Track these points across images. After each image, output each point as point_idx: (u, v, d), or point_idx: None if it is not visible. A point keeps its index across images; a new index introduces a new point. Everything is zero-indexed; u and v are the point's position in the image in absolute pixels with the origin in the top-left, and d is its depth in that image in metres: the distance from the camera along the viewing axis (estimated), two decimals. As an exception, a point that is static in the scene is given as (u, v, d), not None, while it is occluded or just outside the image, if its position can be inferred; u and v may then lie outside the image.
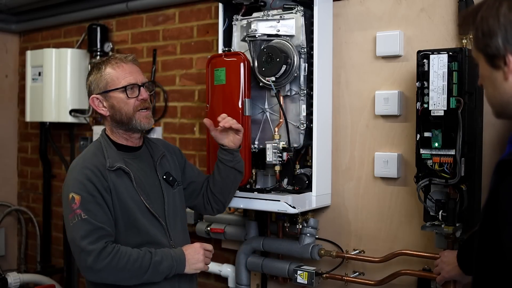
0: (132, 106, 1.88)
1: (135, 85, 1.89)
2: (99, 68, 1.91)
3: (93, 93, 1.92)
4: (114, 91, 1.88)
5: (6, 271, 3.33)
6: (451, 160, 1.90)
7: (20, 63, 4.03)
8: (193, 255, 1.87)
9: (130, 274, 1.75)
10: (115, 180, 1.82)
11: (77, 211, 1.74)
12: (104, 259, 1.71)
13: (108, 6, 3.33)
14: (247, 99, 2.22)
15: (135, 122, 1.88)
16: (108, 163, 1.83)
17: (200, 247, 1.90)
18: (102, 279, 1.76)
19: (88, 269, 1.73)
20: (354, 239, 2.36)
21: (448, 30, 2.12)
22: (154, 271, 1.78)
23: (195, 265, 1.87)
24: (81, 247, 1.72)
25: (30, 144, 4.01)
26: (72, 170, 1.85)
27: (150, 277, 1.78)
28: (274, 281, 2.59)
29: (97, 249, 1.71)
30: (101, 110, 1.91)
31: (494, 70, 1.17)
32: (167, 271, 1.81)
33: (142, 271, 1.76)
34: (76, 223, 1.74)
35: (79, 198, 1.75)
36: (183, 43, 3.04)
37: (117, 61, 1.90)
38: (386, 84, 2.26)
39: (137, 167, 1.91)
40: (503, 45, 1.12)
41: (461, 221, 1.96)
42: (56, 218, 3.80)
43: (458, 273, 1.84)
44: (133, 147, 1.96)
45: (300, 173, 2.27)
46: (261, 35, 2.23)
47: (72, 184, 1.79)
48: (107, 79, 1.88)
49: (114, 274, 1.74)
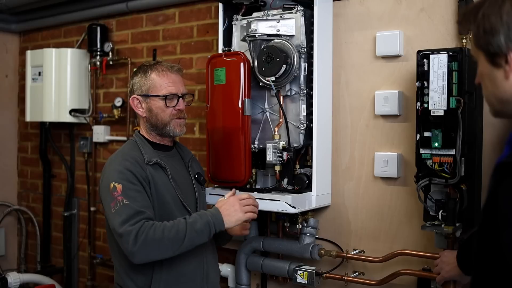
0: (168, 114, 1.97)
1: (175, 95, 1.97)
2: (145, 72, 1.99)
3: (134, 93, 2.00)
4: (155, 97, 1.96)
5: (6, 271, 3.33)
6: (451, 160, 1.90)
7: (20, 63, 4.03)
8: (228, 208, 1.86)
9: (170, 242, 1.75)
10: (153, 173, 1.90)
11: (119, 198, 1.79)
12: (141, 235, 1.73)
13: (108, 6, 3.33)
14: (247, 99, 2.22)
15: (169, 128, 1.98)
16: (146, 158, 1.91)
17: (235, 199, 1.89)
18: (148, 256, 1.76)
19: (131, 252, 1.74)
20: (354, 239, 2.36)
21: (448, 30, 2.12)
22: (192, 232, 1.77)
23: (234, 216, 1.86)
24: (121, 232, 1.74)
25: (30, 144, 4.01)
26: (112, 162, 1.91)
27: (191, 240, 1.78)
28: (274, 281, 2.59)
29: (136, 228, 1.73)
30: (139, 110, 2.00)
31: (495, 68, 1.16)
32: (205, 228, 1.80)
33: (181, 236, 1.76)
34: (118, 209, 1.78)
35: (120, 186, 1.81)
36: (183, 43, 3.04)
37: (164, 69, 1.99)
38: (386, 84, 2.26)
39: (171, 165, 1.99)
40: (505, 43, 1.12)
41: (461, 221, 1.96)
42: (56, 218, 3.81)
43: (458, 273, 1.84)
44: (167, 146, 2.05)
45: (300, 173, 2.27)
46: (261, 35, 2.23)
47: (112, 175, 1.85)
48: (150, 84, 1.97)
49: (155, 247, 1.74)
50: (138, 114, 2.02)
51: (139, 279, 1.89)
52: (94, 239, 3.55)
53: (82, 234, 3.64)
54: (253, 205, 1.93)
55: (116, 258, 1.97)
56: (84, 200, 3.62)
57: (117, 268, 1.97)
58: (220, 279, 2.69)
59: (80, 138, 3.59)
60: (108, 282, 3.48)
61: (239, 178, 2.24)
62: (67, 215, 3.67)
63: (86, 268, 3.58)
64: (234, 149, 2.23)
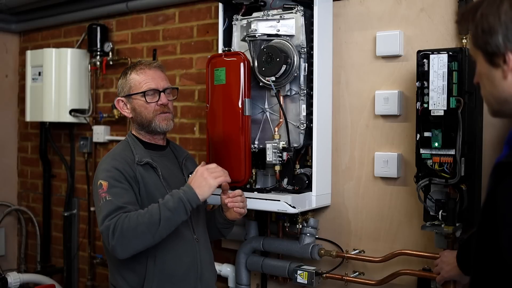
0: (151, 110, 1.98)
1: (156, 90, 1.98)
2: (126, 73, 2.03)
3: (119, 95, 2.04)
4: (136, 95, 1.98)
5: (6, 271, 3.33)
6: (451, 160, 1.90)
7: (20, 63, 4.03)
8: (197, 179, 1.83)
9: (145, 227, 1.73)
10: (143, 174, 1.91)
11: (103, 195, 1.80)
12: (117, 228, 1.72)
13: (108, 6, 3.33)
14: (247, 99, 2.22)
15: (155, 124, 1.99)
16: (136, 158, 1.92)
17: (202, 169, 1.86)
18: (128, 247, 1.74)
19: (112, 246, 1.73)
20: (354, 239, 2.36)
21: (448, 30, 2.12)
22: (165, 212, 1.74)
23: (205, 186, 1.82)
24: (102, 229, 1.75)
25: (30, 144, 4.01)
26: (102, 162, 1.94)
27: (167, 220, 1.75)
28: (274, 281, 2.59)
29: (112, 223, 1.73)
30: (125, 112, 2.03)
31: (493, 68, 1.16)
32: (179, 205, 1.76)
33: (155, 218, 1.74)
34: (101, 206, 1.79)
35: (106, 183, 1.83)
36: (183, 43, 3.04)
37: (142, 67, 2.01)
38: (386, 84, 2.26)
39: (163, 164, 2.00)
40: (504, 43, 1.12)
41: (461, 221, 1.96)
42: (56, 218, 3.81)
43: (458, 273, 1.84)
44: (159, 145, 2.06)
45: (300, 173, 2.27)
46: (261, 35, 2.23)
47: (101, 174, 1.87)
48: (131, 84, 2.00)
49: (132, 235, 1.72)
50: (126, 116, 2.04)
51: (132, 279, 1.89)
52: (94, 239, 3.55)
53: (82, 234, 3.64)
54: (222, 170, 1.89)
55: (109, 257, 1.98)
56: (84, 200, 3.62)
57: (110, 267, 1.98)
58: (220, 279, 2.71)
59: (80, 138, 3.59)
60: (108, 282, 3.48)
61: (239, 178, 2.23)
62: (67, 215, 3.67)
63: (86, 268, 3.58)
64: (234, 149, 2.23)
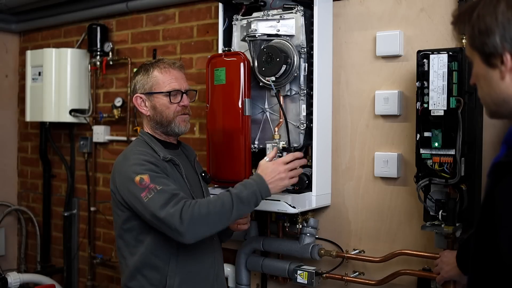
0: (173, 111, 1.96)
1: (179, 91, 1.96)
2: (147, 70, 1.98)
3: (137, 92, 1.98)
4: (158, 94, 1.95)
5: (6, 271, 3.33)
6: (451, 160, 1.90)
7: (20, 63, 4.03)
8: (273, 175, 1.81)
9: (217, 216, 1.73)
10: (169, 170, 1.89)
11: (151, 186, 1.75)
12: (186, 213, 1.70)
13: (108, 6, 3.33)
14: (247, 99, 2.22)
15: (174, 125, 1.97)
16: (161, 154, 1.89)
17: (279, 163, 1.83)
18: (198, 233, 1.73)
19: (178, 232, 1.70)
20: (354, 239, 2.36)
21: (448, 30, 2.12)
22: (238, 202, 1.74)
23: (279, 184, 1.81)
24: (163, 215, 1.71)
25: (30, 144, 4.01)
26: (127, 159, 1.87)
27: (239, 210, 1.74)
28: (274, 281, 2.59)
29: (178, 209, 1.71)
30: (142, 109, 1.98)
31: (490, 69, 1.15)
32: (252, 198, 1.76)
33: (227, 207, 1.73)
34: (153, 197, 1.74)
35: (147, 176, 1.77)
36: (183, 43, 3.04)
37: (165, 66, 1.98)
38: (386, 84, 2.26)
39: (181, 162, 1.98)
40: (501, 43, 1.11)
41: (461, 221, 1.96)
42: (56, 218, 3.81)
43: (457, 273, 1.84)
44: (173, 144, 2.05)
45: (300, 173, 2.26)
46: (261, 35, 2.23)
47: (134, 169, 1.80)
48: (153, 82, 1.96)
49: (203, 222, 1.72)
50: (142, 113, 1.99)
51: (154, 277, 1.86)
52: (94, 239, 3.55)
53: (82, 234, 3.64)
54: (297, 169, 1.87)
55: (126, 256, 1.91)
56: (84, 200, 3.62)
57: (129, 270, 1.89)
58: (221, 279, 2.71)
59: (80, 138, 3.59)
60: (108, 282, 3.48)
61: (239, 178, 2.22)
62: (67, 215, 3.67)
63: (86, 268, 3.58)
64: (234, 149, 2.23)
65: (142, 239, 1.87)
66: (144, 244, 1.86)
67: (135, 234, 1.88)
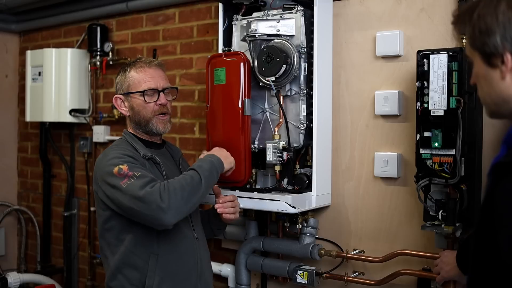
0: (150, 110, 1.95)
1: (155, 90, 1.95)
2: (125, 70, 1.99)
3: (117, 93, 2.00)
4: (134, 93, 1.95)
5: (6, 271, 3.33)
6: (451, 160, 1.90)
7: (20, 63, 4.03)
8: (219, 151, 1.99)
9: (191, 188, 1.77)
10: (148, 167, 1.89)
11: (129, 174, 1.76)
12: (164, 192, 1.71)
13: (108, 6, 3.33)
14: (247, 99, 2.22)
15: (152, 125, 1.96)
16: (141, 152, 1.91)
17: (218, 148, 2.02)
18: (178, 209, 1.73)
19: (161, 208, 1.70)
20: (354, 239, 2.36)
21: (448, 30, 2.12)
22: (204, 173, 1.82)
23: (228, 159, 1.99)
24: (143, 194, 1.71)
25: (30, 144, 4.01)
26: (105, 155, 1.88)
27: (207, 180, 1.82)
28: (274, 281, 2.59)
29: (157, 187, 1.72)
30: (122, 110, 2.00)
31: (491, 69, 1.16)
32: (212, 167, 1.87)
33: (197, 179, 1.79)
34: (132, 182, 1.74)
35: (125, 166, 1.79)
36: (183, 43, 3.04)
37: (142, 65, 1.97)
38: (386, 84, 2.26)
39: (163, 162, 1.98)
40: (501, 43, 1.11)
41: (461, 221, 1.96)
42: (56, 218, 3.81)
43: (457, 273, 1.84)
44: (157, 143, 2.04)
45: (300, 173, 2.27)
46: (261, 35, 2.23)
47: (112, 162, 1.81)
48: (129, 82, 1.96)
49: (181, 196, 1.73)
50: (123, 114, 2.01)
51: (134, 277, 1.85)
52: (94, 239, 3.55)
53: (82, 234, 3.64)
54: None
55: (108, 256, 1.91)
56: (84, 200, 3.62)
57: (110, 269, 1.90)
58: (220, 279, 2.71)
59: (80, 138, 3.59)
60: (107, 283, 3.48)
61: (239, 178, 2.23)
62: (67, 215, 3.67)
63: (86, 268, 3.58)
64: (234, 149, 2.22)
65: (123, 238, 1.86)
66: (124, 243, 1.86)
67: (116, 233, 1.87)
